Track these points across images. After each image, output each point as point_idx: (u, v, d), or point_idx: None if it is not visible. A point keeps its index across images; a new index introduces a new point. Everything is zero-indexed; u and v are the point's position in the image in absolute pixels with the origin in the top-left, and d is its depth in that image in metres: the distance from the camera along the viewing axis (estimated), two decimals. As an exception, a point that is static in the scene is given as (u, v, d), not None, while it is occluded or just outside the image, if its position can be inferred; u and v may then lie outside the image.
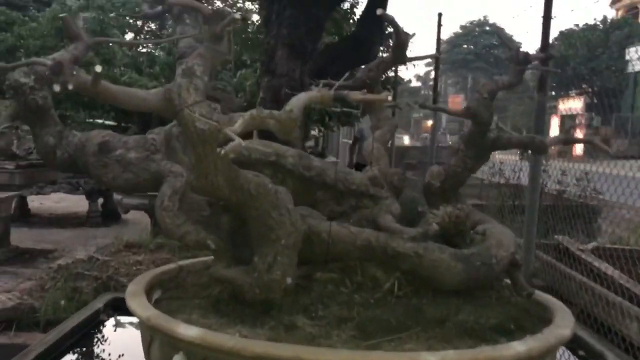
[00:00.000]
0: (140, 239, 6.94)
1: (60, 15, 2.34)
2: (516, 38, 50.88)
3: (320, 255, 2.20)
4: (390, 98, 2.41)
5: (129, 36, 27.23)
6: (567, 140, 3.16)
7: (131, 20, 27.99)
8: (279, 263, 2.03)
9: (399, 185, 2.50)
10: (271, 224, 2.04)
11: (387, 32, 7.20)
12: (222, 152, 1.66)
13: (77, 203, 9.99)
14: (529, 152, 4.29)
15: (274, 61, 5.46)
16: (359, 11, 8.11)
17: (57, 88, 1.67)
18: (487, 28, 51.57)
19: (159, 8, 3.44)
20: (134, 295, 2.22)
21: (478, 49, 50.56)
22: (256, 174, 2.08)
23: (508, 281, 2.34)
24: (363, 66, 3.11)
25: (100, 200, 9.21)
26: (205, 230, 2.15)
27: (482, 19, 50.92)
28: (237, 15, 1.93)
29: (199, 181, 1.99)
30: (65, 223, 9.30)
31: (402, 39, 2.61)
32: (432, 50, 9.57)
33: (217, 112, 1.94)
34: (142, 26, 30.42)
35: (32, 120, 2.25)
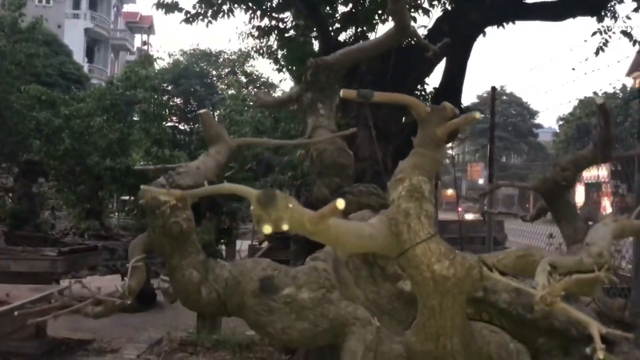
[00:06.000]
0: (193, 335, 6.31)
1: (201, 111, 1.86)
2: (531, 103, 51.11)
3: None
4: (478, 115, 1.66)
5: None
6: None
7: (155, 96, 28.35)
8: None
9: (631, 322, 1.90)
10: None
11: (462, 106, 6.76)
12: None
13: (110, 284, 9.44)
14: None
15: (355, 144, 4.97)
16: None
17: (268, 229, 1.14)
18: (505, 97, 52.02)
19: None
20: None
21: (496, 118, 50.82)
22: (493, 329, 1.50)
23: None
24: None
25: (137, 282, 8.66)
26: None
27: (499, 88, 51.45)
28: (477, 115, 1.41)
29: (426, 344, 1.41)
30: (100, 307, 8.67)
31: (609, 133, 2.10)
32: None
33: (452, 251, 1.39)
34: (167, 101, 30.78)
35: (170, 248, 1.71)
